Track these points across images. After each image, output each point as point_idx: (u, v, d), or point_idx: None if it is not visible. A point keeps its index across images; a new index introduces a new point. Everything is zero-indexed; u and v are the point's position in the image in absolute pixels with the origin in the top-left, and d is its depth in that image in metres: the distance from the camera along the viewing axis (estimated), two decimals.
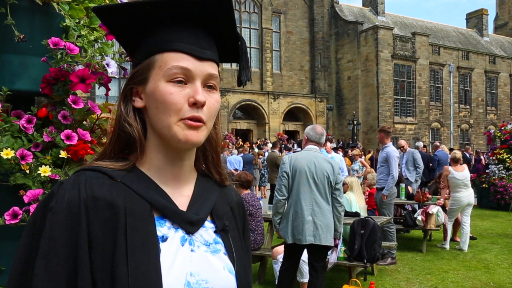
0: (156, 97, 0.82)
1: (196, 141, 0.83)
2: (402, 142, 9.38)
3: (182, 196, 0.88)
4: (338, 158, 8.40)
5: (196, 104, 0.81)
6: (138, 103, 0.86)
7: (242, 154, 14.46)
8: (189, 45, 0.83)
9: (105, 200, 0.78)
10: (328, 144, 8.20)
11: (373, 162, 15.08)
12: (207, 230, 0.89)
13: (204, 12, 0.84)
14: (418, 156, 8.89)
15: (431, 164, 12.20)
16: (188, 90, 0.82)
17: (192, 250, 0.84)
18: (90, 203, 0.77)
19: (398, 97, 31.27)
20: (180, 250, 0.82)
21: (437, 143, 13.70)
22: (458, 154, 7.51)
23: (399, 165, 7.31)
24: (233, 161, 13.01)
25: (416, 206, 7.91)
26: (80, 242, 0.74)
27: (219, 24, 0.87)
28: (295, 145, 23.53)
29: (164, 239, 0.81)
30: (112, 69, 1.63)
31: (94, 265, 0.75)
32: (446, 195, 7.61)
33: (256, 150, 16.66)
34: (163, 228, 0.83)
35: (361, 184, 11.46)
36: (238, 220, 0.99)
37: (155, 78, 0.83)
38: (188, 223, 0.85)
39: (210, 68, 0.85)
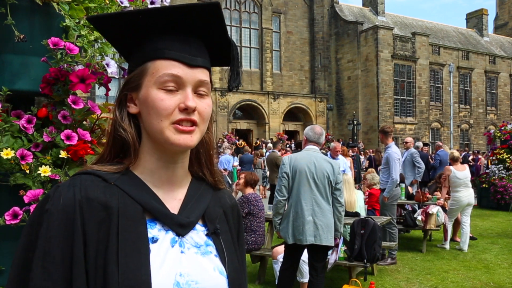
0: (148, 103, 0.85)
1: (189, 144, 0.86)
2: (408, 139, 9.25)
3: (174, 200, 0.90)
4: (343, 160, 8.30)
5: (187, 110, 0.84)
6: (133, 109, 0.89)
7: (242, 154, 14.49)
8: (180, 53, 0.86)
9: (99, 201, 0.81)
10: (337, 144, 8.18)
11: (371, 162, 15.16)
12: (198, 232, 0.91)
13: (195, 20, 0.87)
14: (417, 158, 8.83)
15: (432, 161, 12.18)
16: (179, 96, 0.85)
17: (182, 252, 0.86)
18: (85, 204, 0.80)
19: (398, 97, 31.27)
20: (170, 251, 0.85)
21: (439, 143, 13.68)
22: (456, 153, 7.51)
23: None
24: (223, 161, 13.16)
25: (416, 206, 7.91)
26: (75, 241, 0.77)
27: (210, 31, 0.89)
28: (293, 145, 23.60)
29: (154, 240, 0.84)
30: (112, 69, 1.63)
31: (89, 264, 0.78)
32: (446, 195, 7.61)
33: (264, 150, 16.76)
34: (154, 230, 0.85)
35: (360, 184, 11.52)
36: (231, 223, 1.00)
37: (147, 85, 0.86)
38: (179, 226, 0.87)
39: (201, 74, 0.87)
